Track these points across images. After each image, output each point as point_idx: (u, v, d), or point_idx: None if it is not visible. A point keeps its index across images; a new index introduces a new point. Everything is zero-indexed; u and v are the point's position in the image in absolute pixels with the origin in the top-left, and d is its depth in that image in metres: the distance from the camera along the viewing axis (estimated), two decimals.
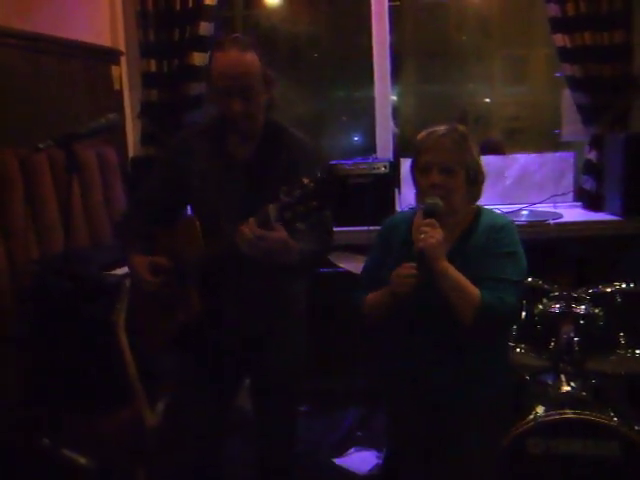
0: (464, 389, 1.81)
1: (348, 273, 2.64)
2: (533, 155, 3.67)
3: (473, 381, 1.81)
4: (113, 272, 2.49)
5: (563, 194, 3.58)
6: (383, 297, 1.83)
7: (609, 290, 2.45)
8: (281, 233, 1.67)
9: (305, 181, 1.62)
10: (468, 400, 1.82)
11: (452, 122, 1.86)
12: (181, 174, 1.94)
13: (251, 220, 1.66)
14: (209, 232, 1.84)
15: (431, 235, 1.70)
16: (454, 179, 1.77)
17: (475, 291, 1.72)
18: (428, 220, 1.74)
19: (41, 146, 1.80)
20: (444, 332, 1.78)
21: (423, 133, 1.83)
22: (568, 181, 3.64)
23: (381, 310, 1.87)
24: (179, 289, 1.90)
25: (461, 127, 1.83)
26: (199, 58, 3.33)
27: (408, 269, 1.71)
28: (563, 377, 2.34)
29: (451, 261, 1.75)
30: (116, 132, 3.15)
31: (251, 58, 1.84)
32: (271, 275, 1.89)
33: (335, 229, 3.42)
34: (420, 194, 1.84)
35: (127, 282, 2.32)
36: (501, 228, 1.81)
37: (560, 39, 3.30)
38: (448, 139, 1.78)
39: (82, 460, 1.83)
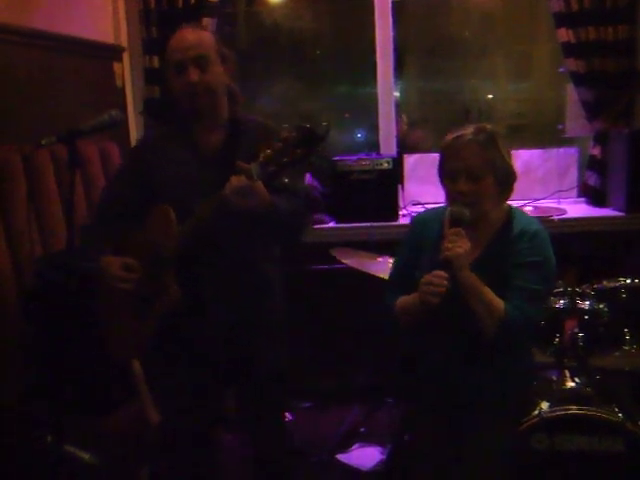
0: (490, 389, 1.80)
1: (351, 269, 2.64)
2: (537, 151, 3.66)
3: (499, 381, 1.80)
4: None
5: (567, 190, 3.58)
6: (414, 304, 1.79)
7: (613, 286, 2.44)
8: (262, 186, 1.69)
9: (284, 133, 1.62)
10: (492, 399, 1.81)
11: (470, 114, 1.83)
12: (148, 170, 1.93)
13: (239, 175, 1.66)
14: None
15: (459, 245, 1.68)
16: (482, 185, 1.72)
17: (499, 304, 1.70)
18: (454, 229, 1.71)
19: (43, 142, 1.79)
20: (469, 337, 1.76)
21: (449, 137, 1.77)
22: (572, 177, 3.63)
23: (412, 315, 1.84)
24: (156, 283, 1.87)
25: (489, 127, 1.76)
26: None
27: (439, 278, 1.67)
28: (567, 373, 2.33)
29: (479, 265, 1.73)
30: (119, 129, 3.14)
31: (204, 33, 1.90)
32: (248, 260, 1.90)
33: (338, 225, 3.46)
34: (448, 199, 1.80)
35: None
36: (533, 236, 1.77)
37: (564, 34, 3.28)
38: (474, 144, 1.71)
39: (86, 457, 1.84)
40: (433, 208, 2.02)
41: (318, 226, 3.39)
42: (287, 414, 3.35)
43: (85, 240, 2.05)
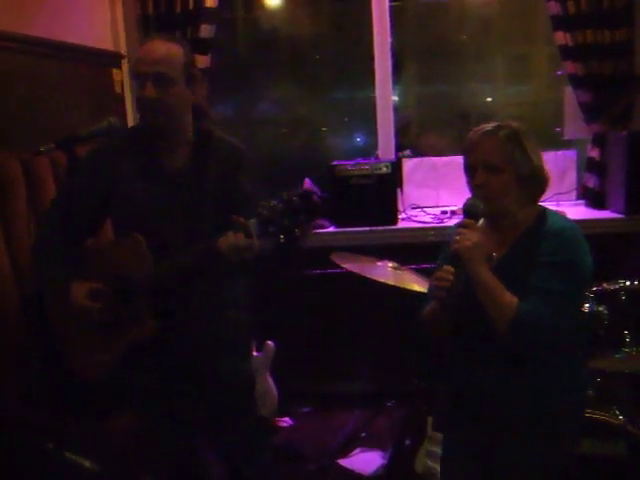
0: (521, 403, 1.71)
1: (350, 273, 2.64)
2: None
3: (532, 396, 1.70)
4: None
5: (566, 192, 3.58)
6: (433, 305, 1.76)
7: (613, 288, 2.44)
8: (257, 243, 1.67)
9: (285, 196, 1.61)
10: (525, 415, 1.71)
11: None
12: (106, 186, 1.86)
13: (237, 232, 1.65)
14: (152, 247, 1.78)
15: (467, 237, 1.63)
16: (500, 178, 1.67)
17: (511, 300, 1.61)
18: (465, 221, 1.68)
19: (42, 149, 1.80)
20: (494, 341, 1.67)
21: (472, 131, 1.74)
22: (571, 179, 3.63)
23: (436, 320, 1.79)
24: (125, 310, 1.82)
25: (514, 124, 1.72)
26: (200, 60, 3.32)
27: (445, 272, 1.64)
28: None
29: (503, 265, 1.69)
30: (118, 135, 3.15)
31: (171, 48, 1.80)
32: (216, 287, 1.89)
33: (338, 229, 3.46)
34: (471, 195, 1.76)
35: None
36: (559, 233, 1.68)
37: (562, 37, 3.29)
38: (493, 137, 1.68)
39: (86, 463, 1.83)
40: None
41: (317, 231, 3.40)
42: (288, 419, 3.35)
43: (44, 262, 1.93)
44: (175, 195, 1.82)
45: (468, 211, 1.70)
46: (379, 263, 2.73)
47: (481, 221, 1.74)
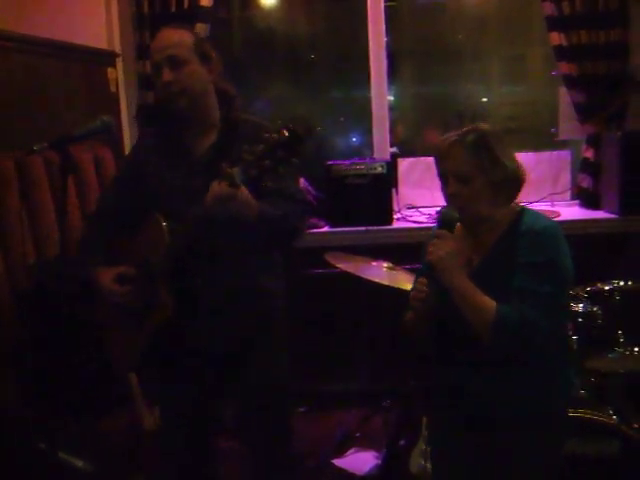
0: (508, 405, 1.70)
1: (345, 273, 2.64)
2: (530, 154, 3.67)
3: (519, 397, 1.69)
4: None
5: (560, 193, 3.59)
6: (410, 315, 1.77)
7: (607, 288, 2.44)
8: (246, 192, 1.67)
9: (266, 135, 1.59)
10: (512, 416, 1.70)
11: (463, 119, 1.77)
12: (141, 178, 1.91)
13: (221, 181, 1.64)
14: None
15: (440, 247, 1.64)
16: (471, 187, 1.66)
17: (490, 305, 1.60)
18: (438, 231, 1.68)
19: (36, 148, 1.79)
20: (476, 347, 1.66)
21: (441, 138, 1.73)
22: (565, 180, 3.64)
23: (413, 326, 1.80)
24: (147, 296, 1.84)
25: (482, 127, 1.70)
26: None
27: (420, 284, 1.66)
28: None
29: (483, 269, 1.69)
30: (112, 134, 3.14)
31: (181, 32, 1.86)
32: (245, 271, 1.87)
33: (332, 229, 3.46)
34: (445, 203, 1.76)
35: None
36: (537, 233, 1.65)
37: (556, 37, 3.30)
38: (460, 146, 1.66)
39: (79, 463, 1.83)
40: None
41: (312, 230, 3.39)
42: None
43: (82, 252, 2.01)
44: (197, 180, 1.81)
45: (442, 220, 1.70)
46: (374, 263, 2.73)
47: (456, 229, 1.73)
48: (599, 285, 2.46)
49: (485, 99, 4.16)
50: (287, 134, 1.57)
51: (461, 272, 1.65)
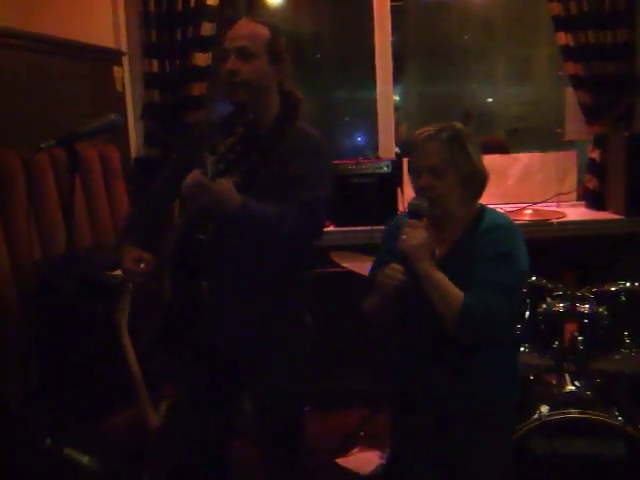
0: (464, 397, 1.75)
1: (351, 273, 2.64)
2: (536, 154, 3.67)
3: (473, 389, 1.75)
4: (116, 272, 2.48)
5: (566, 193, 3.58)
6: (376, 300, 1.80)
7: (613, 289, 2.44)
8: (223, 184, 1.65)
9: (238, 129, 1.59)
10: (469, 408, 1.76)
11: (446, 120, 1.79)
12: (191, 167, 1.86)
13: (196, 171, 1.63)
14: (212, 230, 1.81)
15: (412, 236, 1.68)
16: (443, 181, 1.72)
17: (458, 295, 1.66)
18: (410, 221, 1.72)
19: (43, 146, 1.79)
20: (440, 337, 1.72)
21: (414, 134, 1.79)
22: (571, 180, 3.63)
23: (378, 314, 1.84)
24: (159, 281, 1.87)
25: (457, 125, 1.77)
26: (201, 58, 3.33)
27: (394, 270, 1.68)
28: (567, 376, 2.33)
29: (447, 263, 1.73)
30: (118, 132, 3.15)
31: (257, 26, 1.85)
32: (256, 272, 1.83)
33: (337, 228, 3.46)
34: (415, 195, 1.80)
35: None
36: (496, 228, 1.74)
37: (563, 38, 3.29)
38: (436, 141, 1.72)
39: (85, 460, 1.83)
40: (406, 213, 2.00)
41: None
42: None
43: (127, 228, 2.03)
44: (239, 178, 1.76)
45: (413, 211, 1.74)
46: None
47: (424, 220, 1.77)
48: (605, 286, 2.46)
49: (491, 99, 4.16)
50: (244, 128, 1.59)
51: (431, 261, 1.70)
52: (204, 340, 1.91)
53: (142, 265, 1.86)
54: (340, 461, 2.93)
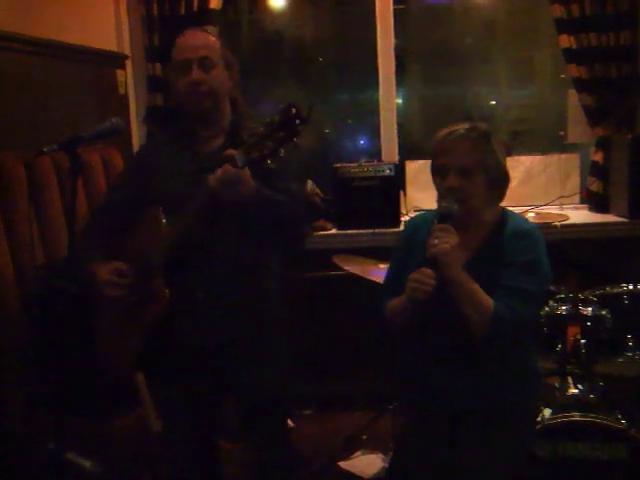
0: (481, 397, 1.75)
1: (353, 276, 2.64)
2: (539, 157, 3.66)
3: (491, 389, 1.75)
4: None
5: (569, 196, 3.57)
6: (403, 303, 1.77)
7: (616, 292, 2.44)
8: (248, 175, 1.66)
9: (268, 118, 1.59)
10: (486, 408, 1.76)
11: (472, 121, 1.77)
12: (147, 178, 1.91)
13: (226, 165, 1.63)
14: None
15: (445, 241, 1.65)
16: (472, 182, 1.70)
17: (489, 302, 1.65)
18: (442, 225, 1.69)
19: (45, 149, 1.80)
20: (460, 339, 1.71)
21: (440, 134, 1.76)
22: (574, 183, 3.63)
23: (402, 316, 1.82)
24: (144, 290, 1.84)
25: (483, 125, 1.75)
26: None
27: (426, 276, 1.65)
28: (570, 380, 2.33)
29: (472, 266, 1.71)
30: (121, 136, 3.15)
31: (209, 36, 1.91)
32: (242, 265, 1.86)
33: (340, 231, 3.46)
34: (438, 197, 1.78)
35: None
36: (524, 235, 1.73)
37: (565, 40, 3.29)
38: (466, 140, 1.70)
39: (87, 464, 1.83)
40: (426, 211, 1.99)
41: (320, 233, 3.39)
42: (288, 421, 3.34)
43: (81, 248, 1.97)
44: (203, 177, 1.78)
45: (444, 214, 1.72)
46: (381, 265, 2.72)
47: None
48: (608, 289, 2.45)
49: (493, 102, 4.16)
50: (288, 114, 1.57)
51: (461, 267, 1.69)
52: (190, 349, 1.89)
53: (121, 277, 1.85)
54: (342, 464, 2.93)
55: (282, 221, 1.81)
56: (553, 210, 3.46)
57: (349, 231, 3.43)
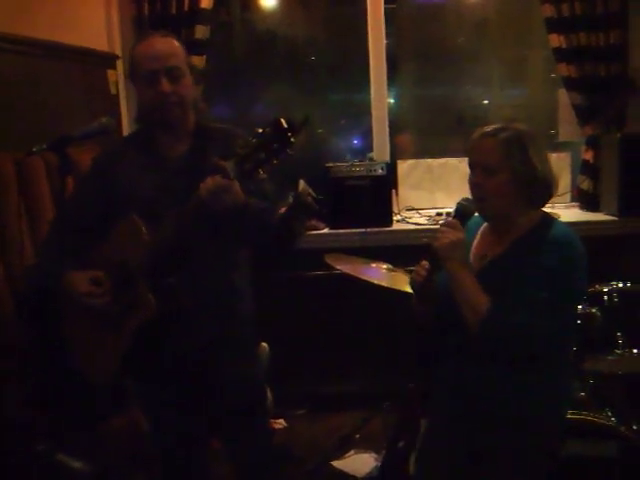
0: (505, 404, 1.72)
1: (345, 275, 2.64)
2: None
3: (516, 397, 1.71)
4: None
5: (560, 195, 3.57)
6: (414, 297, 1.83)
7: (606, 290, 2.45)
8: (237, 183, 1.65)
9: (259, 130, 1.59)
10: (509, 415, 1.72)
11: (510, 121, 1.75)
12: (113, 182, 1.87)
13: (215, 175, 1.63)
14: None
15: (446, 236, 1.68)
16: (494, 180, 1.68)
17: (483, 302, 1.63)
18: (450, 220, 1.73)
19: (35, 149, 1.80)
20: (468, 339, 1.70)
21: (476, 131, 1.76)
22: (565, 182, 3.64)
23: (416, 310, 1.86)
24: (126, 297, 1.80)
25: (520, 126, 1.73)
26: (195, 62, 3.33)
27: (421, 266, 1.73)
28: None
29: (497, 266, 1.71)
30: (112, 136, 3.14)
31: (174, 42, 1.87)
32: (217, 265, 1.86)
33: (332, 231, 3.46)
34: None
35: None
36: (551, 241, 1.67)
37: (556, 39, 3.31)
38: (491, 139, 1.70)
39: (77, 464, 1.83)
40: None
41: (312, 232, 3.40)
42: (282, 421, 3.35)
43: (46, 257, 1.94)
44: (175, 184, 1.80)
45: (459, 210, 1.75)
46: (373, 265, 2.73)
47: (484, 225, 1.80)
48: (598, 287, 2.46)
49: (486, 101, 4.16)
50: (281, 126, 1.56)
51: (463, 263, 1.70)
52: (174, 352, 1.87)
53: (98, 286, 1.81)
54: (336, 464, 2.94)
55: (265, 228, 1.82)
56: (544, 209, 3.47)
57: (341, 230, 3.44)
